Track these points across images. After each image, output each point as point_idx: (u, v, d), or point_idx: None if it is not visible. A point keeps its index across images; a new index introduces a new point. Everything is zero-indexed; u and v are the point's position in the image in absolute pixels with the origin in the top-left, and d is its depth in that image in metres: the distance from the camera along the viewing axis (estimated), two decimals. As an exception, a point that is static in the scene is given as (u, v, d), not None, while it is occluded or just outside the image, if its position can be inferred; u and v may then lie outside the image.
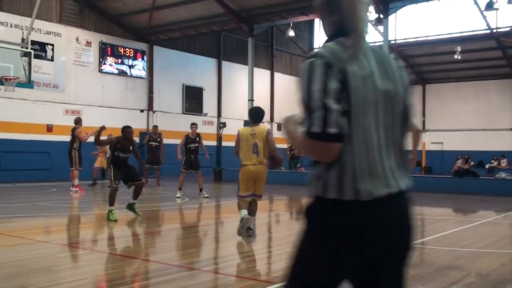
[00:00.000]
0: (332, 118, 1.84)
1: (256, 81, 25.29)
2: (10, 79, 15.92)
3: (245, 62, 25.78)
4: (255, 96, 23.64)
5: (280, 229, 9.53)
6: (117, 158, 10.01)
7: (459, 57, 29.75)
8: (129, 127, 10.44)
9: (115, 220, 9.36)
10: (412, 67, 34.11)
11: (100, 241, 7.90)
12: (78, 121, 15.80)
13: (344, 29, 2.01)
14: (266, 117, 31.39)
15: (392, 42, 27.60)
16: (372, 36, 27.66)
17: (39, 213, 10.92)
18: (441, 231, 8.99)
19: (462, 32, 29.13)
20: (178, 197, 13.91)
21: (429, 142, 34.44)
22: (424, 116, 35.38)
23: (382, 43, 21.91)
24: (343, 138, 1.88)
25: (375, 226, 1.96)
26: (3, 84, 16.07)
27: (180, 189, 14.23)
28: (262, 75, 30.73)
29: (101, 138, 10.66)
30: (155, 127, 18.59)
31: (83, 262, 6.31)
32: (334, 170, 1.94)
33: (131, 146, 10.26)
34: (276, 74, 32.75)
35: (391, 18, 22.12)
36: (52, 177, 19.66)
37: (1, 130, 19.69)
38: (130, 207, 10.23)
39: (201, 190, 14.41)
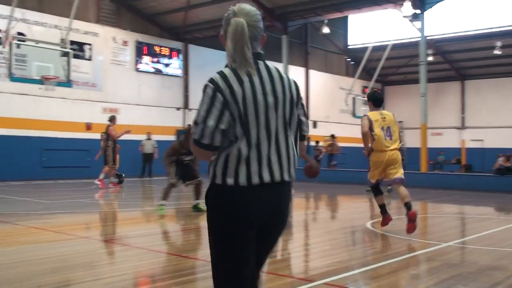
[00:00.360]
0: (207, 133, 2.49)
1: (291, 79, 25.20)
2: (50, 79, 16.27)
3: (279, 60, 25.72)
4: (290, 93, 23.52)
5: (317, 227, 9.48)
6: (181, 162, 10.32)
7: (499, 52, 29.02)
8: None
9: (163, 215, 9.63)
10: (450, 63, 33.45)
11: (139, 237, 8.00)
12: (111, 119, 16.06)
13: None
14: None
15: (429, 38, 27.10)
16: (409, 32, 27.27)
17: (79, 210, 11.13)
18: (483, 230, 8.78)
19: (502, 27, 28.39)
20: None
21: (469, 139, 33.74)
22: (463, 113, 34.69)
23: (419, 39, 21.58)
24: (213, 148, 2.53)
25: (256, 204, 2.53)
26: (43, 84, 16.43)
27: None
28: (296, 73, 30.62)
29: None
30: (190, 126, 18.48)
31: (122, 258, 6.40)
32: (224, 162, 2.53)
33: None
34: (311, 72, 32.58)
35: (428, 13, 21.72)
36: (91, 174, 19.99)
37: (43, 128, 20.17)
38: (196, 207, 10.48)
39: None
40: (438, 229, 9.19)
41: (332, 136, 25.55)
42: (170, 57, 25.17)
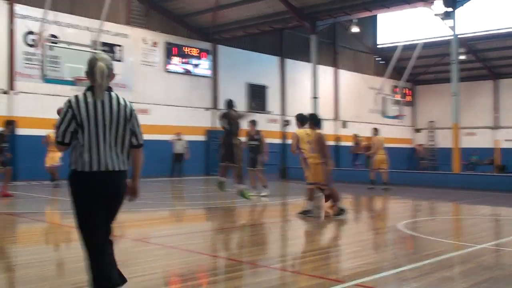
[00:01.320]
0: (60, 134, 3.91)
1: (320, 79, 25.09)
2: (82, 80, 16.51)
3: (308, 60, 25.62)
4: (319, 93, 23.45)
5: (347, 228, 9.40)
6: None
7: (534, 50, 28.36)
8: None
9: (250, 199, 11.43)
10: (482, 62, 32.82)
11: (170, 236, 8.05)
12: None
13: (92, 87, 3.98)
14: (331, 114, 31.26)
15: (461, 36, 26.62)
16: (440, 30, 26.85)
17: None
18: (517, 232, 8.59)
19: (536, 24, 27.74)
20: (264, 195, 13.68)
21: (503, 139, 33.06)
22: (497, 112, 34.01)
23: (451, 37, 21.23)
24: (64, 143, 3.94)
25: (94, 184, 3.87)
26: (75, 85, 16.69)
27: (265, 186, 14.02)
28: (325, 72, 30.45)
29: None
30: (253, 122, 17.53)
31: (154, 257, 6.45)
32: (75, 156, 3.90)
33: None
34: (340, 71, 32.36)
35: (460, 11, 21.35)
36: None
37: (74, 129, 20.47)
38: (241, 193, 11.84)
39: (254, 187, 14.43)
40: (472, 231, 9.02)
41: (356, 136, 25.39)
42: (199, 57, 25.32)
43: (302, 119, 11.23)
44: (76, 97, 3.93)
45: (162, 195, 15.28)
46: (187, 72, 24.85)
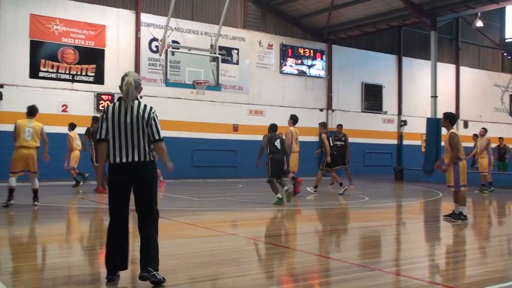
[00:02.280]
0: (98, 132, 4.94)
1: (440, 77, 23.98)
2: (201, 83, 17.20)
3: (427, 57, 24.63)
4: (438, 92, 22.45)
5: (469, 233, 8.90)
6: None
7: None
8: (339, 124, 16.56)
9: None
10: None
11: (284, 236, 8.15)
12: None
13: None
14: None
15: None
16: None
17: (227, 207, 11.63)
18: None
19: None
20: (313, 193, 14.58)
21: None
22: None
23: None
24: (101, 140, 4.93)
25: (117, 172, 4.89)
26: (195, 88, 17.42)
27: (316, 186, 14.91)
28: (446, 70, 29.09)
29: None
30: (340, 126, 18.22)
31: (267, 256, 6.55)
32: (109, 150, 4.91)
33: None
34: (462, 68, 30.73)
35: None
36: (238, 174, 20.88)
37: (194, 130, 21.44)
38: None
39: (315, 187, 15.01)
40: None
41: (476, 136, 23.88)
42: (313, 58, 25.32)
43: (294, 119, 14.99)
44: (110, 104, 4.99)
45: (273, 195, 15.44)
46: (302, 73, 24.96)
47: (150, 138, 4.98)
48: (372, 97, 27.23)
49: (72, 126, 16.13)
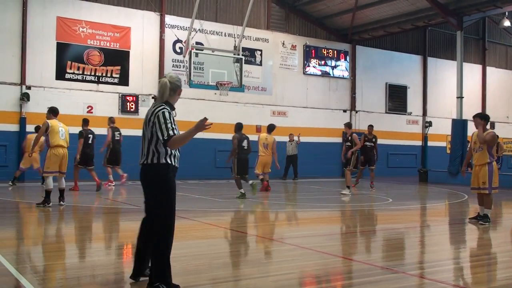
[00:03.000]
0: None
1: (466, 77, 23.65)
2: (224, 84, 17.25)
3: (453, 58, 24.33)
4: (464, 93, 22.14)
5: (494, 236, 8.76)
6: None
7: None
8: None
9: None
10: None
11: (305, 237, 8.12)
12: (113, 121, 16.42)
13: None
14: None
15: None
16: None
17: (250, 209, 11.64)
18: None
19: None
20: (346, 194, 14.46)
21: None
22: None
23: None
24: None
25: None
26: (218, 89, 17.49)
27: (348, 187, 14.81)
28: (472, 71, 28.67)
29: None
30: (371, 127, 17.76)
31: (289, 257, 6.54)
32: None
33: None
34: (489, 69, 30.25)
35: None
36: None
37: (217, 131, 21.43)
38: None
39: (348, 187, 14.83)
40: None
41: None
42: (337, 59, 25.21)
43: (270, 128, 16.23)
44: (167, 105, 4.87)
45: (298, 196, 15.43)
46: (325, 74, 24.86)
47: (158, 139, 4.66)
48: (396, 98, 26.99)
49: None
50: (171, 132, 4.61)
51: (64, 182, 10.94)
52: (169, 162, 4.70)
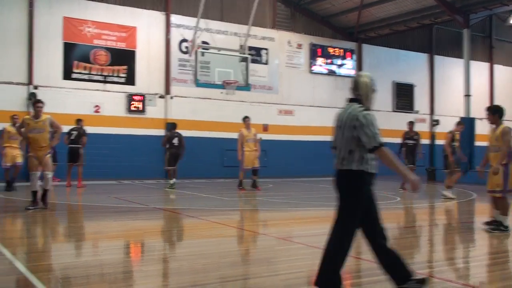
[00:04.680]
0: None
1: (473, 75, 23.53)
2: (231, 83, 17.26)
3: (460, 56, 24.18)
4: (471, 91, 22.03)
5: (504, 235, 8.69)
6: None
7: None
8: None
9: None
10: None
11: (315, 236, 8.09)
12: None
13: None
14: (484, 113, 29.14)
15: None
16: None
17: (258, 207, 11.64)
18: None
19: None
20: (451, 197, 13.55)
21: None
22: None
23: None
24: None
25: (372, 183, 4.45)
26: (224, 88, 17.49)
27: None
28: (479, 69, 28.53)
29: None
30: (411, 123, 17.12)
31: (298, 256, 6.53)
32: (360, 157, 4.37)
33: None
34: (496, 67, 30.11)
35: None
36: (268, 173, 20.80)
37: (223, 130, 21.51)
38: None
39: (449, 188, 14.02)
40: None
41: None
42: (343, 57, 25.15)
43: (244, 119, 16.14)
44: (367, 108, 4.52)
45: (308, 195, 15.39)
46: (331, 73, 24.82)
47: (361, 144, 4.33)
48: (403, 97, 26.90)
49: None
50: (380, 141, 4.29)
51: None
52: (367, 169, 4.35)
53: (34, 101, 10.91)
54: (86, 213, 10.66)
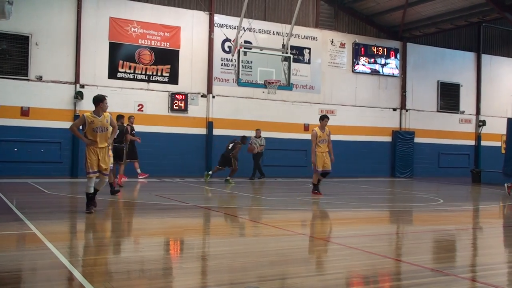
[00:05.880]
0: None
1: (522, 75, 22.84)
2: (273, 82, 17.26)
3: (509, 54, 23.54)
4: (520, 91, 21.38)
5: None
6: None
7: None
8: None
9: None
10: None
11: (352, 237, 8.03)
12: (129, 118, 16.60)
13: None
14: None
15: None
16: None
17: (297, 207, 11.62)
18: None
19: None
20: None
21: None
22: None
23: None
24: None
25: None
26: (266, 87, 17.51)
27: None
28: (529, 68, 27.64)
29: None
30: None
31: (336, 257, 6.49)
32: None
33: None
34: (548, 65, 29.08)
35: None
36: (308, 173, 20.71)
37: (265, 129, 21.55)
38: None
39: None
40: None
41: None
42: (387, 57, 24.80)
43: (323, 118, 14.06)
44: None
45: (348, 196, 15.27)
46: (374, 72, 24.52)
47: None
48: (448, 96, 26.33)
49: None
50: None
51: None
52: None
53: (101, 97, 9.87)
54: (128, 210, 10.88)
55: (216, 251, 6.72)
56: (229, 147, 17.79)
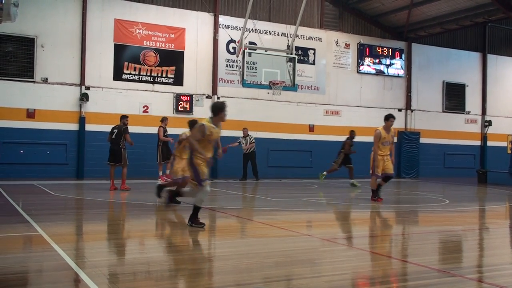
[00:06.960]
0: None
1: (528, 75, 22.75)
2: (277, 83, 17.27)
3: (513, 54, 23.42)
4: (526, 91, 21.30)
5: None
6: None
7: None
8: None
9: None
10: None
11: (359, 238, 8.02)
12: (162, 120, 16.96)
13: None
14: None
15: None
16: None
17: (302, 208, 11.60)
18: None
19: None
20: None
21: None
22: None
23: None
24: None
25: None
26: (271, 88, 17.52)
27: None
28: (535, 68, 27.53)
29: None
30: None
31: (342, 258, 6.47)
32: None
33: None
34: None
35: None
36: (313, 174, 20.71)
37: (270, 130, 21.57)
38: None
39: None
40: None
41: None
42: (392, 57, 24.75)
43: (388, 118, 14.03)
44: None
45: (354, 196, 15.24)
46: (379, 73, 24.48)
47: None
48: (454, 97, 26.25)
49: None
50: None
51: None
52: None
53: (222, 106, 8.20)
54: (132, 212, 10.89)
55: (221, 252, 6.72)
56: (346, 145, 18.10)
